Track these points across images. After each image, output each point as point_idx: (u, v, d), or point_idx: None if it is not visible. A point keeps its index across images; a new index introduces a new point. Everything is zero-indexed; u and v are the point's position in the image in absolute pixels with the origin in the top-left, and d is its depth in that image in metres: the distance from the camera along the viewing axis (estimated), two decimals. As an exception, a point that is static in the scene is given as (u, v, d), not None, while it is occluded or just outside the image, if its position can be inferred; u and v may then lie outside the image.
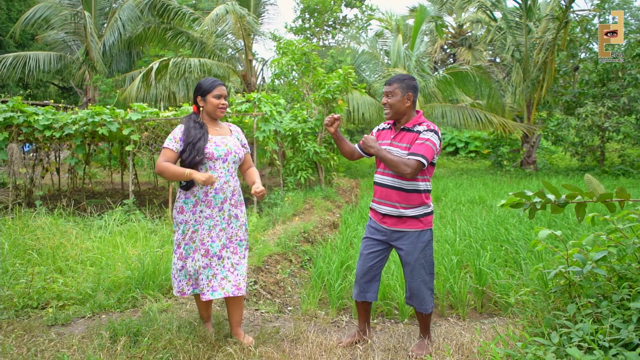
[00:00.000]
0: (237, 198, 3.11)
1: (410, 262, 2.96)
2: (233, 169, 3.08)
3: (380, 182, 3.02)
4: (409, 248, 2.95)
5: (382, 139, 3.05)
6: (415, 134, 2.89)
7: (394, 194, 2.95)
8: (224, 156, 2.99)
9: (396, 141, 2.96)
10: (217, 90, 3.01)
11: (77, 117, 7.74)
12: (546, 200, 2.28)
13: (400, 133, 2.96)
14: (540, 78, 14.30)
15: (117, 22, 16.20)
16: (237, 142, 3.13)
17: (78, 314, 3.46)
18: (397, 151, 2.90)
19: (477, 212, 8.05)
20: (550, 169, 15.42)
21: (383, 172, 3.01)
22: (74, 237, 4.89)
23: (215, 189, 2.98)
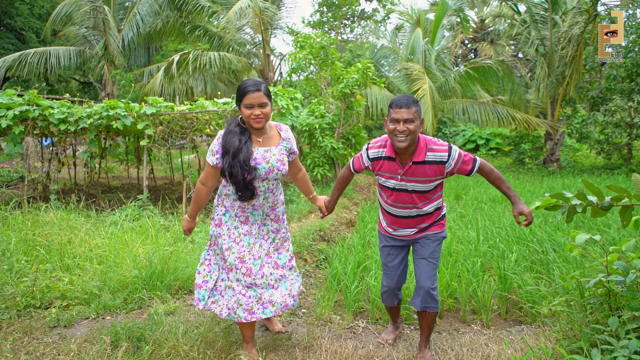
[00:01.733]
0: (278, 212, 2.91)
1: (425, 256, 2.82)
2: (274, 185, 2.79)
3: (399, 215, 2.82)
4: (426, 241, 2.85)
5: (388, 172, 2.73)
6: (435, 165, 2.64)
7: (418, 220, 2.82)
8: (264, 175, 2.66)
9: (408, 176, 2.67)
10: (247, 99, 2.57)
11: (92, 111, 7.66)
12: (588, 202, 2.04)
13: (412, 167, 2.66)
14: (566, 73, 13.83)
15: (136, 16, 16.19)
16: (282, 153, 2.74)
17: (82, 315, 3.32)
18: (414, 186, 2.69)
19: (499, 211, 7.76)
20: (575, 167, 14.94)
21: (401, 206, 2.78)
22: (83, 233, 4.77)
23: (253, 205, 2.74)
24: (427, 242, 2.83)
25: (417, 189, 2.68)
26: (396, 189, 2.72)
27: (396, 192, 2.73)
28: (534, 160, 15.47)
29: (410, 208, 2.74)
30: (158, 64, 17.47)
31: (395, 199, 2.75)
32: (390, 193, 2.76)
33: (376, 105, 14.34)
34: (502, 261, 4.47)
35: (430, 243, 2.83)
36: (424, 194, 2.71)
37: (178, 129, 7.68)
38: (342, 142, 9.78)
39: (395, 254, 2.95)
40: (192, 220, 2.85)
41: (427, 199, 2.74)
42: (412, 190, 2.69)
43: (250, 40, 16.42)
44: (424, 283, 2.77)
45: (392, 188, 2.74)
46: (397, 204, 2.76)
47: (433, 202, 2.78)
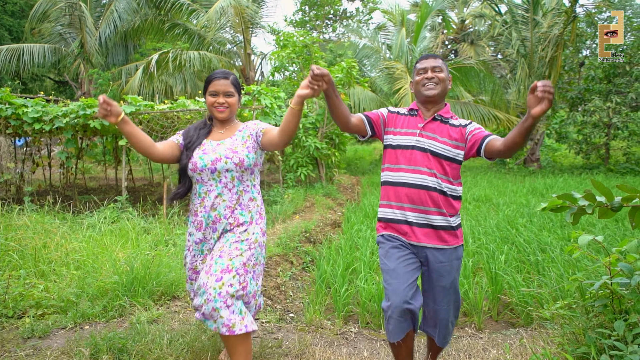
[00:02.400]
0: (238, 217, 2.44)
1: (446, 285, 2.35)
2: (229, 178, 2.42)
3: (413, 183, 2.32)
4: (444, 267, 2.33)
5: (405, 127, 2.41)
6: (456, 128, 2.37)
7: (433, 198, 2.32)
8: (210, 165, 2.39)
9: (428, 131, 2.36)
10: (213, 86, 2.45)
11: (68, 110, 7.39)
12: (598, 203, 1.95)
13: (433, 123, 2.38)
14: (546, 74, 13.98)
15: (114, 14, 15.81)
16: (237, 143, 2.46)
17: (58, 325, 3.12)
18: (431, 143, 2.33)
19: (484, 211, 7.74)
20: (554, 167, 15.13)
21: (416, 169, 2.33)
22: (60, 237, 4.55)
23: (205, 207, 2.43)
24: (444, 267, 2.33)
25: (435, 149, 2.32)
26: (412, 146, 2.35)
27: (411, 150, 2.35)
28: (515, 160, 15.62)
29: (426, 173, 2.30)
30: (136, 62, 17.11)
31: (411, 161, 2.34)
32: (403, 154, 2.36)
33: (359, 105, 14.26)
34: (493, 262, 4.41)
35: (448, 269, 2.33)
36: (441, 160, 2.32)
37: (158, 129, 7.46)
38: (325, 142, 9.67)
39: (406, 255, 2.33)
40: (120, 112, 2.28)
41: (445, 172, 2.32)
42: (429, 150, 2.33)
43: (230, 39, 16.22)
44: (443, 315, 2.37)
45: (407, 146, 2.37)
46: (413, 166, 2.33)
47: (451, 184, 2.35)
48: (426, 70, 2.39)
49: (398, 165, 2.39)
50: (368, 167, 15.81)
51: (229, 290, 2.25)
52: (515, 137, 2.12)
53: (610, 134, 13.98)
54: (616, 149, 15.44)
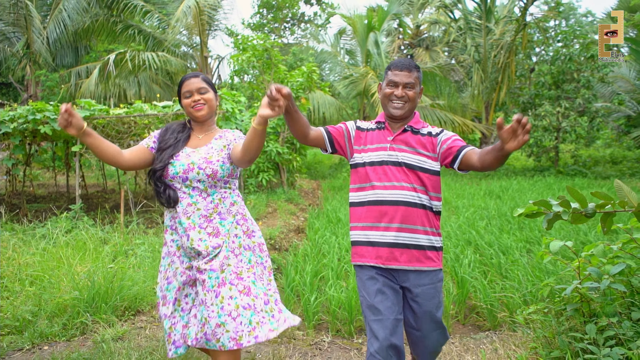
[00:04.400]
0: (217, 226, 2.29)
1: (431, 310, 2.18)
2: (203, 187, 2.29)
3: (388, 200, 2.14)
4: (428, 291, 2.16)
5: (374, 143, 2.25)
6: (427, 137, 2.22)
7: (418, 215, 2.14)
8: (182, 174, 2.27)
9: (399, 144, 2.21)
10: (185, 87, 2.35)
11: (16, 114, 6.99)
12: (573, 209, 2.00)
13: (403, 134, 2.23)
14: (499, 79, 14.46)
15: (62, 13, 15.16)
16: (211, 152, 2.33)
17: (14, 346, 2.91)
18: (405, 156, 2.18)
19: (445, 214, 7.89)
20: (508, 170, 15.62)
21: (391, 185, 2.16)
22: (11, 251, 4.28)
23: (178, 214, 2.29)
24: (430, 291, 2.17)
25: (407, 161, 2.17)
26: (384, 162, 2.19)
27: (384, 166, 2.18)
28: (470, 163, 16.04)
29: (405, 188, 2.14)
30: (87, 64, 16.50)
31: (384, 176, 2.17)
32: (375, 170, 2.19)
33: (318, 110, 14.31)
34: (458, 266, 4.48)
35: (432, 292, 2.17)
36: (418, 172, 2.17)
37: (114, 134, 7.19)
38: (286, 147, 9.61)
39: (387, 289, 2.15)
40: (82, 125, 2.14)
41: (422, 183, 2.17)
42: (403, 163, 2.17)
43: (186, 42, 15.90)
44: (430, 343, 2.24)
45: (379, 162, 2.20)
46: (387, 182, 2.16)
47: (431, 197, 2.19)
48: (397, 85, 2.21)
49: (370, 183, 2.21)
50: (328, 171, 15.84)
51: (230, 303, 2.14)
52: (493, 162, 1.95)
53: (560, 137, 14.59)
54: (565, 151, 16.13)
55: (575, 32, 16.11)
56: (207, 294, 2.17)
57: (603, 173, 13.86)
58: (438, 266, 2.20)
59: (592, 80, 13.90)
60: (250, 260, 2.32)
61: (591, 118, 14.24)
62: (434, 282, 2.18)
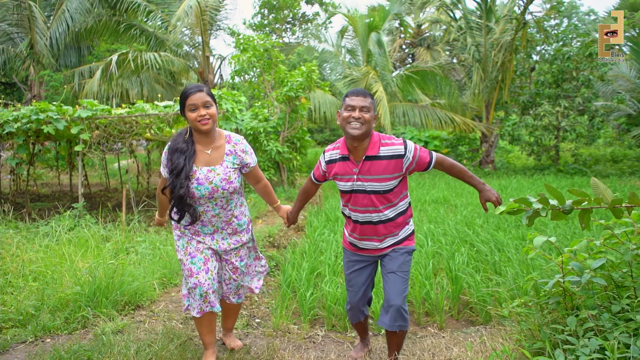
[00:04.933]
0: (235, 227, 2.80)
1: (393, 269, 2.64)
2: (225, 201, 2.68)
3: (360, 220, 2.65)
4: (393, 254, 2.69)
5: (342, 173, 2.60)
6: (392, 160, 2.52)
7: (381, 229, 2.65)
8: (208, 195, 2.59)
9: (364, 174, 2.54)
10: (190, 100, 2.49)
11: (20, 114, 7.11)
12: (551, 206, 2.08)
13: (366, 163, 2.54)
14: (499, 78, 14.50)
15: (65, 13, 15.27)
16: (228, 172, 2.61)
17: (18, 339, 3.02)
18: (371, 185, 2.54)
19: (442, 212, 7.96)
20: (508, 168, 15.68)
21: (361, 210, 2.61)
22: (15, 248, 4.39)
23: (202, 221, 2.69)
24: (394, 254, 2.67)
25: (375, 189, 2.53)
26: (354, 191, 2.57)
27: (354, 194, 2.58)
28: (471, 161, 16.09)
29: (371, 212, 2.57)
30: (90, 64, 16.60)
31: (354, 202, 2.59)
32: (348, 197, 2.61)
33: (319, 109, 14.38)
34: (453, 262, 4.56)
35: (399, 256, 2.66)
36: (384, 195, 2.55)
37: (116, 134, 7.30)
38: (287, 146, 9.70)
39: (360, 270, 2.79)
40: (162, 218, 3.03)
41: (388, 201, 2.57)
42: (371, 191, 2.53)
43: (188, 42, 15.99)
44: (394, 301, 2.57)
45: (349, 191, 2.59)
46: (357, 207, 2.60)
47: (395, 206, 2.61)
48: (354, 109, 2.49)
49: (348, 203, 2.67)
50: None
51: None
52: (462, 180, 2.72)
53: (560, 136, 14.63)
54: (565, 150, 16.16)
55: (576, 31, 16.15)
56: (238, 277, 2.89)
57: (603, 172, 13.90)
58: (407, 245, 2.72)
59: (592, 79, 13.93)
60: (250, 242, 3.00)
61: (591, 117, 14.28)
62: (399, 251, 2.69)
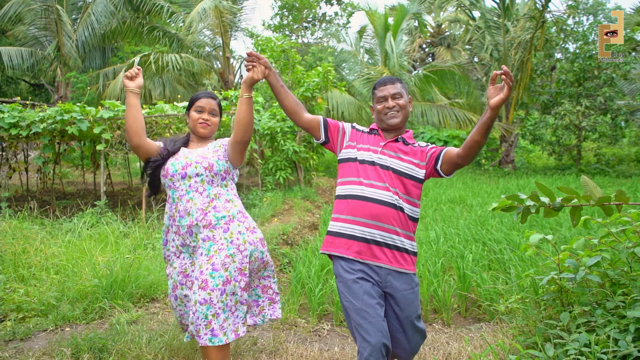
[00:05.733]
0: (211, 218, 2.46)
1: (411, 314, 2.27)
2: (199, 182, 2.49)
3: (373, 198, 2.25)
4: (408, 295, 2.25)
5: (366, 143, 2.39)
6: (418, 149, 2.38)
7: (395, 217, 2.25)
8: (181, 170, 2.49)
9: (390, 150, 2.36)
10: (199, 102, 2.56)
11: (45, 115, 7.39)
12: (541, 203, 2.15)
13: (395, 143, 2.38)
14: (518, 77, 14.37)
15: (91, 16, 15.70)
16: (208, 151, 2.57)
17: (39, 327, 3.21)
18: (393, 162, 2.32)
19: (458, 212, 7.98)
20: (528, 168, 15.53)
21: (377, 184, 2.27)
22: (39, 242, 4.61)
23: (179, 211, 2.49)
24: (410, 296, 2.26)
25: (395, 166, 2.31)
26: (374, 163, 2.32)
27: (373, 166, 2.32)
28: (490, 161, 15.98)
29: (387, 189, 2.26)
30: (114, 66, 17.03)
31: (371, 176, 2.29)
32: (365, 168, 2.32)
33: (337, 109, 14.46)
34: (462, 261, 4.61)
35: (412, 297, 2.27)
36: (403, 178, 2.30)
37: (137, 133, 7.51)
38: (304, 146, 9.82)
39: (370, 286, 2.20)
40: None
41: (405, 188, 2.30)
42: (390, 167, 2.30)
43: (209, 43, 16.27)
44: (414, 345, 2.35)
45: (369, 162, 2.33)
46: (374, 182, 2.28)
47: (411, 203, 2.32)
48: (386, 99, 2.36)
49: (358, 178, 2.31)
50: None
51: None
52: (475, 135, 2.14)
53: (581, 136, 14.43)
54: (587, 150, 15.91)
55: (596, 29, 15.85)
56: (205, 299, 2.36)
57: (627, 172, 13.65)
58: (413, 270, 2.31)
59: (615, 77, 13.69)
60: (251, 255, 2.50)
61: (614, 116, 14.04)
62: (412, 287, 2.28)
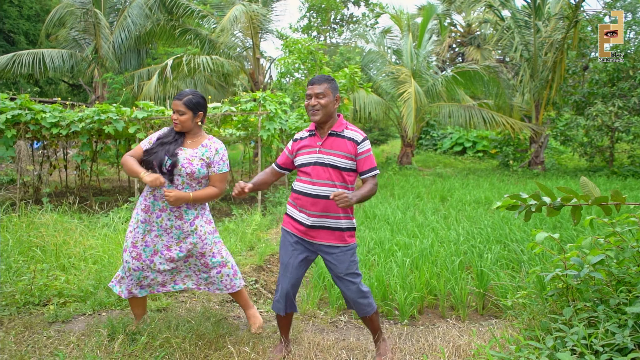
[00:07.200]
0: (184, 213, 3.00)
1: (341, 273, 2.79)
2: (180, 182, 2.98)
3: (314, 194, 2.74)
4: (339, 258, 2.78)
5: (306, 148, 2.82)
6: (350, 142, 2.76)
7: (334, 206, 2.72)
8: (168, 166, 2.94)
9: (326, 148, 2.76)
10: (173, 105, 3.01)
11: (84, 115, 7.80)
12: (541, 202, 2.26)
13: (329, 139, 2.78)
14: (549, 78, 14.18)
15: (127, 19, 16.28)
16: (194, 156, 2.99)
17: (79, 311, 3.50)
18: (330, 159, 2.73)
19: (481, 212, 8.01)
20: (559, 170, 15.29)
21: (318, 182, 2.73)
22: (78, 235, 4.93)
23: (154, 196, 2.97)
24: (340, 257, 2.78)
25: (333, 163, 2.72)
26: (314, 163, 2.75)
27: (314, 166, 2.75)
28: (519, 162, 15.80)
29: (328, 185, 2.71)
30: (149, 67, 17.58)
31: (313, 175, 2.74)
32: (308, 170, 2.76)
33: (364, 109, 14.59)
34: (480, 260, 4.70)
35: (344, 258, 2.78)
36: (340, 172, 2.73)
37: (169, 133, 7.83)
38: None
39: (299, 250, 2.83)
40: (145, 174, 2.94)
41: (342, 179, 2.74)
42: (329, 164, 2.72)
43: (240, 44, 16.62)
44: (351, 298, 2.82)
45: (310, 163, 2.77)
46: (316, 179, 2.73)
47: (347, 189, 2.76)
48: (310, 97, 2.77)
49: (302, 177, 2.81)
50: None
51: None
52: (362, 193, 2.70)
53: (614, 137, 14.13)
54: (621, 151, 15.56)
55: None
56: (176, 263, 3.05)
57: (662, 174, 13.33)
58: (346, 243, 2.80)
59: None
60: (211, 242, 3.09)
61: (649, 117, 13.71)
62: (343, 252, 2.79)
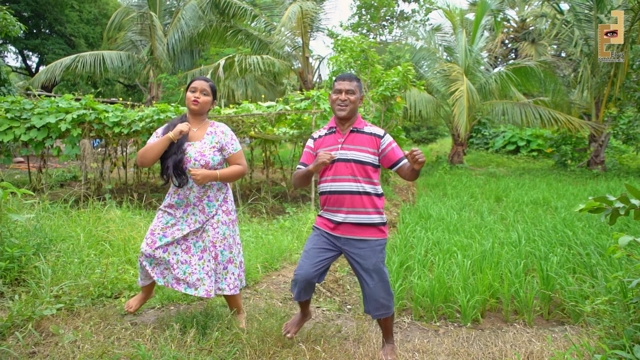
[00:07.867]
0: (205, 204, 3.06)
1: (368, 267, 2.77)
2: None
3: (340, 190, 2.77)
4: (366, 253, 2.77)
5: (328, 145, 2.86)
6: (373, 137, 2.83)
7: (358, 200, 2.76)
8: (185, 163, 3.00)
9: (348, 144, 2.81)
10: (194, 84, 3.04)
11: (144, 115, 8.07)
12: (631, 205, 2.14)
13: (351, 135, 2.84)
14: (611, 73, 13.52)
15: (181, 21, 16.75)
16: (204, 146, 3.03)
17: (148, 305, 3.61)
18: (353, 154, 2.77)
19: (540, 214, 7.74)
20: (620, 170, 14.56)
21: (341, 178, 2.78)
22: (143, 230, 5.09)
23: (178, 194, 3.06)
24: (367, 253, 2.77)
25: (356, 158, 2.77)
26: (337, 160, 2.78)
27: (336, 162, 2.79)
28: (577, 162, 15.17)
29: (351, 181, 2.76)
30: (201, 67, 18.01)
31: (336, 172, 2.79)
32: (330, 167, 2.80)
33: (415, 107, 14.40)
34: (545, 263, 4.53)
35: (369, 253, 2.77)
36: (363, 166, 2.77)
37: (224, 132, 7.99)
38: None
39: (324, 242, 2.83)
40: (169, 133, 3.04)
41: (366, 173, 2.77)
42: (352, 159, 2.77)
43: (290, 43, 16.76)
44: (374, 296, 2.79)
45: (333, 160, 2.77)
46: (338, 176, 2.78)
47: (373, 183, 2.80)
48: (340, 92, 2.82)
49: (324, 177, 2.85)
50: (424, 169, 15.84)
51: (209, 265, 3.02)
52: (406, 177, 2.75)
53: (682, 135, 13.35)
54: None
55: None
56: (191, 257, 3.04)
57: None
58: (376, 236, 2.80)
59: None
60: (224, 234, 3.08)
61: None
62: (372, 247, 2.78)
